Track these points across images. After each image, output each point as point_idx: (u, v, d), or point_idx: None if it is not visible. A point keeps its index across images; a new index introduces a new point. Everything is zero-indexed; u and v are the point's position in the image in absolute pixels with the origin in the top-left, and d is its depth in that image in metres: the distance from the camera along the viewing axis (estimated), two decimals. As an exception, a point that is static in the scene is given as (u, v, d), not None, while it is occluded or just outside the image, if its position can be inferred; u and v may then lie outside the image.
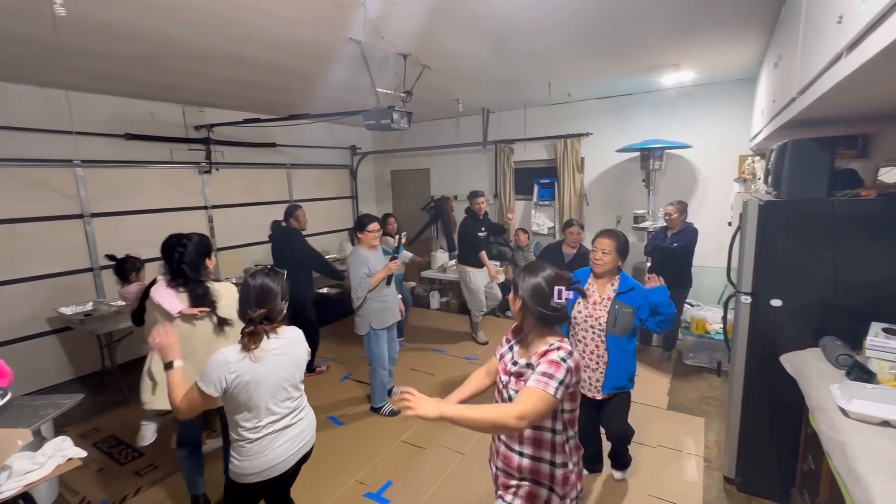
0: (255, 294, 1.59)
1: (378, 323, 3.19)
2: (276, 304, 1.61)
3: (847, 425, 1.46)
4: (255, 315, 1.56)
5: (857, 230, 2.00)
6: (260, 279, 1.61)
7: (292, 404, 1.69)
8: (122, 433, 3.20)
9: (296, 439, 1.70)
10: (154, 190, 4.48)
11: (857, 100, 1.62)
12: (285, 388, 1.64)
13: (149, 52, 2.90)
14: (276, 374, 1.60)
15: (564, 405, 1.34)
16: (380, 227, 3.19)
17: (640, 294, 2.20)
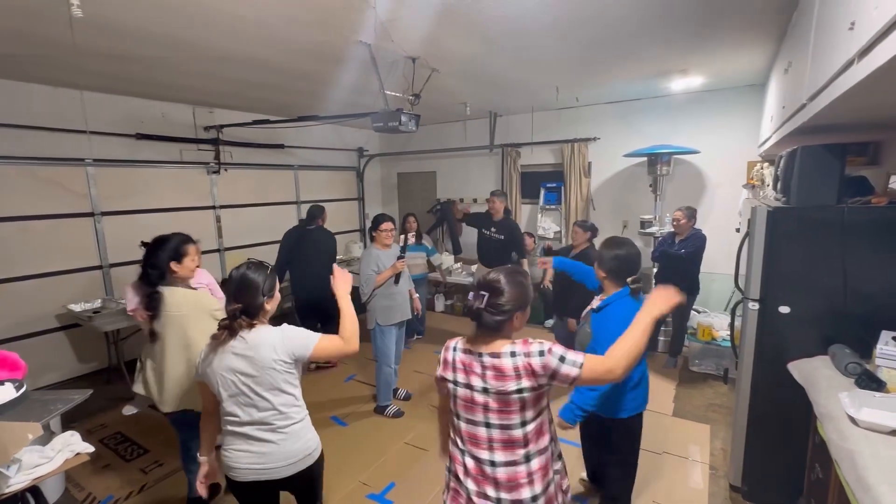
0: (233, 286, 1.53)
1: (384, 319, 3.24)
2: (255, 299, 1.53)
3: (856, 434, 1.44)
4: (230, 309, 1.51)
5: (868, 238, 1.98)
6: (241, 271, 1.55)
7: (258, 415, 1.51)
8: (128, 430, 3.23)
9: (254, 457, 1.53)
10: (163, 189, 4.53)
11: (869, 106, 1.61)
12: (246, 395, 1.50)
13: (162, 53, 2.94)
14: (229, 373, 1.50)
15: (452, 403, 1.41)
16: (393, 227, 3.26)
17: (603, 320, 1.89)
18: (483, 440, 1.31)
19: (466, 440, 1.35)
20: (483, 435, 1.31)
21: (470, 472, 1.33)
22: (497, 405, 1.27)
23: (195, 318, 2.01)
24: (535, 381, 1.25)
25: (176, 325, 1.99)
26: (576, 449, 2.56)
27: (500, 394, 1.26)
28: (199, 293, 2.13)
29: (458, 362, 1.35)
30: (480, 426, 1.31)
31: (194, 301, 2.04)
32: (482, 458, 1.31)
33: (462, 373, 1.33)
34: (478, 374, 1.29)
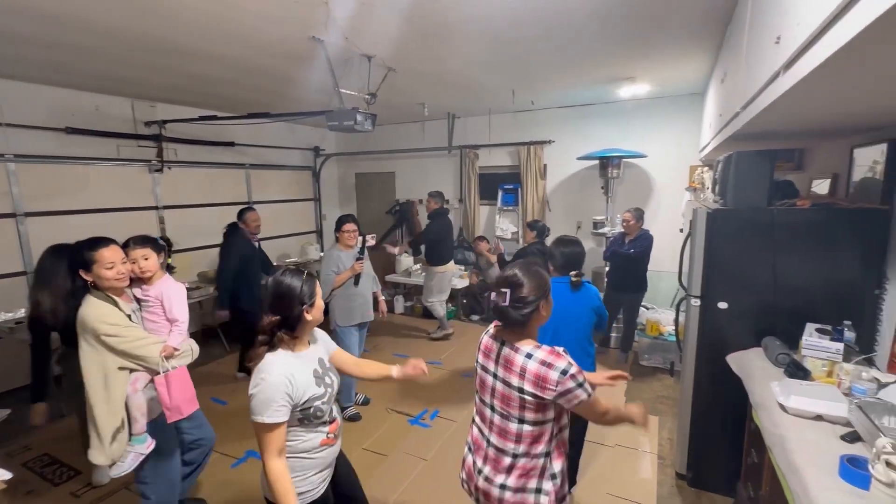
0: (267, 296, 1.38)
1: (343, 320, 3.21)
2: (292, 308, 1.37)
3: (786, 420, 1.55)
4: (267, 323, 1.36)
5: (794, 237, 2.14)
6: (275, 279, 1.40)
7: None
8: (56, 451, 2.96)
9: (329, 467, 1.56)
10: (99, 188, 4.20)
11: (794, 115, 1.74)
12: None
13: (96, 43, 2.72)
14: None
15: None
16: (356, 228, 3.23)
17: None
18: (487, 419, 1.44)
19: (477, 412, 1.50)
20: (487, 415, 1.44)
21: (474, 441, 1.50)
22: (501, 393, 1.37)
23: (84, 337, 1.74)
24: (542, 391, 1.27)
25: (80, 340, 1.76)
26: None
27: (505, 384, 1.36)
28: (99, 309, 1.77)
29: (483, 346, 1.48)
30: (487, 407, 1.44)
31: (84, 316, 1.74)
32: (484, 433, 1.46)
33: (482, 356, 1.47)
34: (493, 361, 1.41)
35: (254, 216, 3.88)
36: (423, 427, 3.21)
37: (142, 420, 1.83)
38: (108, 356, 1.76)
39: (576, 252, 2.17)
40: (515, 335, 1.38)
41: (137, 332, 1.84)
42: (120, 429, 1.78)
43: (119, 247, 1.89)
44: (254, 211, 3.91)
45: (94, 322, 1.72)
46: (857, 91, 1.30)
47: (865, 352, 1.96)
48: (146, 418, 1.85)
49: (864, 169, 2.22)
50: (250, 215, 3.87)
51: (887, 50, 0.90)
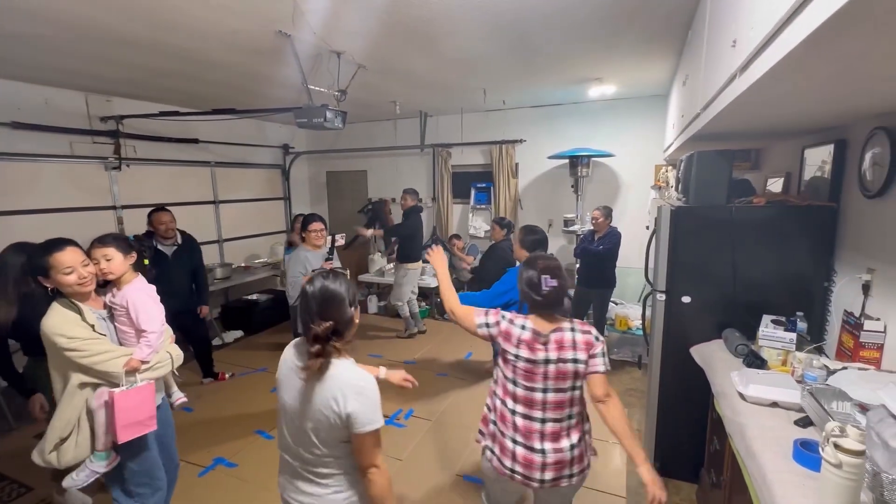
0: (316, 304, 1.26)
1: None
2: (344, 312, 1.29)
3: (745, 408, 1.62)
4: (322, 330, 1.23)
5: (751, 233, 2.24)
6: (319, 283, 1.29)
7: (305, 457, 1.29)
8: (5, 467, 2.78)
9: (295, 494, 1.32)
10: (51, 187, 3.96)
11: (750, 116, 1.81)
12: (305, 432, 1.27)
13: (43, 31, 2.56)
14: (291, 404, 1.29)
15: (499, 360, 1.62)
16: (324, 227, 3.16)
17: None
18: (537, 403, 1.54)
19: (521, 402, 1.56)
20: (539, 398, 1.54)
21: (518, 428, 1.56)
22: (556, 372, 1.52)
23: (48, 347, 1.63)
24: (587, 354, 1.52)
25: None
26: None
27: (561, 362, 1.51)
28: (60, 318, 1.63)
29: (524, 340, 1.54)
30: (538, 392, 1.53)
31: (45, 326, 1.61)
32: (533, 417, 1.55)
33: (526, 349, 1.53)
34: (542, 349, 1.52)
35: (161, 217, 3.39)
36: (398, 427, 3.19)
37: (104, 437, 1.70)
38: (70, 368, 1.64)
39: (542, 238, 2.51)
40: (555, 319, 1.56)
41: (99, 345, 1.66)
42: (64, 440, 1.67)
43: (79, 248, 1.73)
44: (164, 212, 3.43)
45: (51, 335, 1.60)
46: (806, 93, 1.37)
47: (816, 341, 2.07)
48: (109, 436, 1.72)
49: (813, 168, 2.34)
50: (156, 216, 3.40)
51: (832, 54, 0.96)
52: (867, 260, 1.82)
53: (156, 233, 3.41)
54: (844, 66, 1.05)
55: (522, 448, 1.55)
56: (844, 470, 1.05)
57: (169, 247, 3.46)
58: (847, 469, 1.05)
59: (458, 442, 2.96)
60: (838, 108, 1.65)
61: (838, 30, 0.80)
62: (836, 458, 1.06)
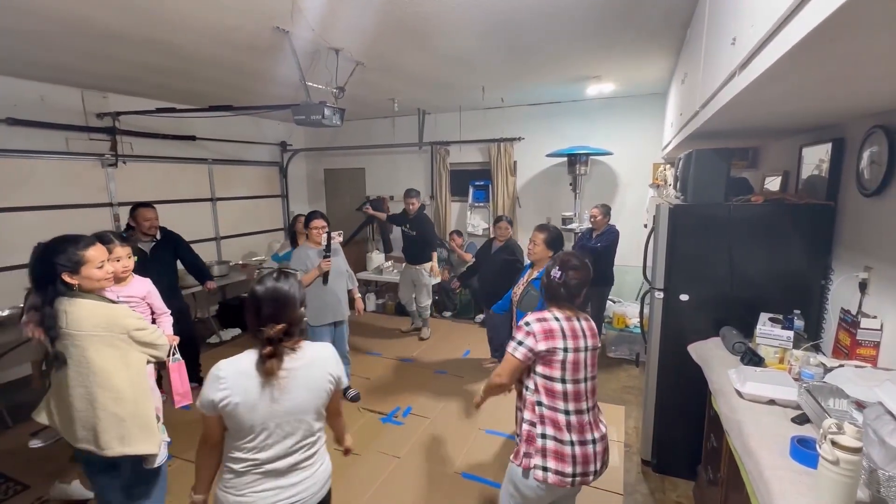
0: (266, 305, 1.28)
1: (314, 320, 3.17)
2: (295, 313, 1.32)
3: (742, 405, 1.63)
4: (274, 333, 1.26)
5: (748, 231, 2.25)
6: (269, 284, 1.30)
7: (296, 445, 1.34)
8: (1, 464, 2.76)
9: (287, 491, 1.34)
10: (46, 184, 3.93)
11: (749, 114, 1.82)
12: (290, 423, 1.31)
13: (37, 27, 2.54)
14: (280, 402, 1.29)
15: (537, 368, 1.59)
16: (326, 224, 3.17)
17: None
18: (583, 393, 1.59)
19: (572, 398, 1.57)
20: (583, 389, 1.59)
21: (573, 426, 1.57)
22: (592, 360, 1.62)
23: (103, 339, 1.62)
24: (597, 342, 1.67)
25: (76, 346, 1.59)
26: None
27: (594, 349, 1.63)
28: (115, 308, 1.70)
29: (568, 330, 1.57)
30: (581, 382, 1.59)
31: (104, 318, 1.63)
32: (583, 409, 1.59)
33: (572, 340, 1.57)
34: (582, 338, 1.59)
35: (145, 214, 3.25)
36: (396, 425, 3.19)
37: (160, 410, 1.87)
38: (134, 352, 1.70)
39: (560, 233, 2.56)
40: (574, 309, 1.64)
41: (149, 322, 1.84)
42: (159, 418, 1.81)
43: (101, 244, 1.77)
44: (149, 208, 3.28)
45: (122, 319, 1.66)
46: (805, 91, 1.37)
47: (813, 339, 2.08)
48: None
49: (811, 167, 2.35)
50: (140, 212, 3.25)
51: (831, 53, 0.96)
52: (864, 258, 1.83)
53: (138, 229, 3.27)
54: (844, 63, 1.05)
55: (580, 446, 1.56)
56: (841, 467, 1.05)
57: (147, 243, 3.32)
58: (844, 466, 1.05)
59: (457, 440, 2.97)
60: (837, 106, 1.65)
61: (839, 27, 0.80)
62: (833, 455, 1.06)
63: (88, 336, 1.60)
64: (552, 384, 1.57)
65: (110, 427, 1.64)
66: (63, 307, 1.59)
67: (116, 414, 1.64)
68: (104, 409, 1.63)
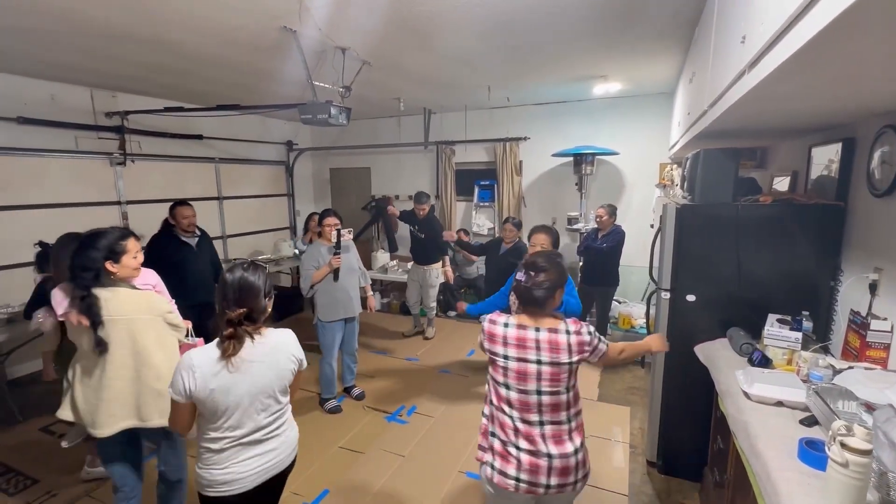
0: (232, 291, 1.41)
1: (325, 315, 3.23)
2: (258, 301, 1.44)
3: (749, 407, 1.61)
4: (235, 315, 1.39)
5: (756, 232, 2.23)
6: (238, 273, 1.43)
7: (268, 418, 1.49)
8: (11, 459, 2.80)
9: (265, 456, 1.50)
10: (56, 182, 3.98)
11: (758, 113, 1.80)
12: (261, 400, 1.45)
13: (48, 27, 2.57)
14: (250, 383, 1.41)
15: (490, 371, 1.56)
16: (339, 222, 3.22)
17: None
18: (533, 406, 1.49)
19: (517, 407, 1.50)
20: (533, 401, 1.48)
21: (521, 433, 1.50)
22: (550, 374, 1.47)
23: (146, 322, 1.81)
24: (581, 355, 1.49)
25: (122, 330, 1.75)
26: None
27: (554, 364, 1.46)
28: (150, 294, 1.91)
29: (512, 338, 1.49)
30: (533, 394, 1.48)
31: (146, 303, 1.83)
32: (531, 421, 1.49)
33: (514, 348, 1.48)
34: (532, 349, 1.46)
35: (184, 212, 3.38)
36: (400, 423, 3.20)
37: None
38: (167, 333, 1.89)
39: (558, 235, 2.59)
40: (537, 317, 1.51)
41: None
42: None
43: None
44: (186, 206, 3.41)
45: (158, 304, 1.87)
46: (815, 89, 1.36)
47: (822, 340, 2.06)
48: None
49: (820, 167, 2.32)
50: (179, 210, 3.38)
51: (842, 51, 0.95)
52: (874, 259, 1.81)
53: (178, 226, 3.39)
54: (854, 62, 1.04)
55: (528, 454, 1.48)
56: (851, 469, 1.04)
57: (191, 238, 3.47)
58: (853, 468, 1.04)
59: (461, 439, 2.97)
60: (847, 105, 1.64)
61: (850, 26, 0.79)
62: (843, 457, 1.05)
63: (133, 320, 1.77)
64: (497, 387, 1.54)
65: (151, 401, 1.81)
66: (104, 295, 1.72)
67: (157, 389, 1.80)
68: (147, 385, 1.79)
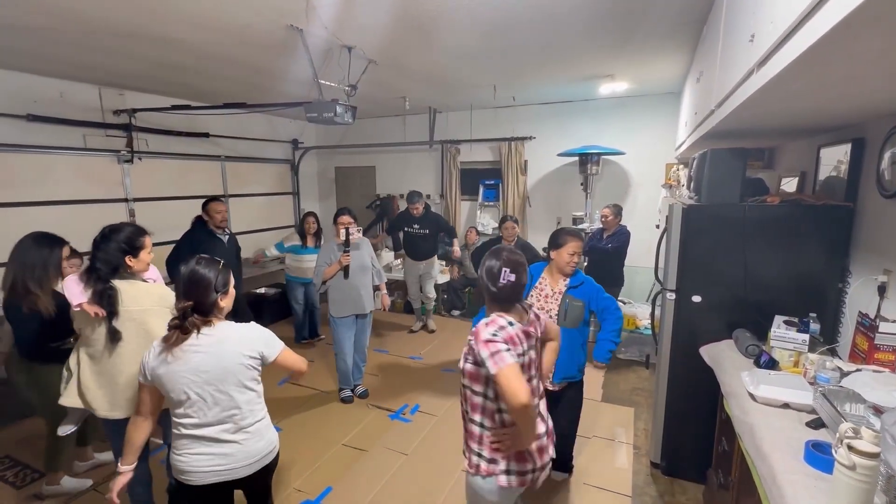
0: (182, 283, 1.48)
1: (335, 311, 3.31)
2: (207, 295, 1.48)
3: (755, 408, 1.60)
4: (181, 307, 1.46)
5: (764, 233, 2.21)
6: (190, 267, 1.49)
7: (222, 414, 1.49)
8: (18, 452, 2.84)
9: (217, 458, 1.50)
10: (64, 179, 4.01)
11: (766, 113, 1.78)
12: (210, 394, 1.47)
13: (58, 25, 2.59)
14: (192, 374, 1.44)
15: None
16: (352, 220, 3.28)
17: (591, 288, 2.33)
18: (534, 390, 1.53)
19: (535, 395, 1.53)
20: (534, 385, 1.54)
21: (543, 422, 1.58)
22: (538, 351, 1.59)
23: (158, 314, 1.86)
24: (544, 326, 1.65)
25: (136, 321, 1.83)
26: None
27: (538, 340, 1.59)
28: (162, 286, 1.99)
29: (522, 334, 1.47)
30: (535, 378, 1.55)
31: (158, 295, 1.90)
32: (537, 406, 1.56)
33: (525, 342, 1.48)
34: (532, 336, 1.53)
35: (217, 207, 3.59)
36: (404, 422, 3.20)
37: None
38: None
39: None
40: (519, 310, 1.53)
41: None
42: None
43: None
44: (218, 202, 3.63)
45: (169, 296, 1.89)
46: (824, 89, 1.34)
47: (829, 342, 2.04)
48: None
49: (829, 168, 2.30)
50: (213, 206, 3.59)
51: (852, 50, 0.94)
52: (884, 261, 1.79)
53: (211, 222, 3.58)
54: (865, 61, 1.03)
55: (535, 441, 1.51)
56: (858, 472, 1.03)
57: (223, 234, 3.68)
58: (861, 471, 1.03)
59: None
60: (857, 105, 1.62)
61: (861, 24, 0.78)
62: (850, 460, 1.04)
63: (148, 311, 1.84)
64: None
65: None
66: (122, 287, 1.79)
67: None
68: None
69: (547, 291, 2.34)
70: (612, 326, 2.32)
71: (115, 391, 1.85)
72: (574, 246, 2.27)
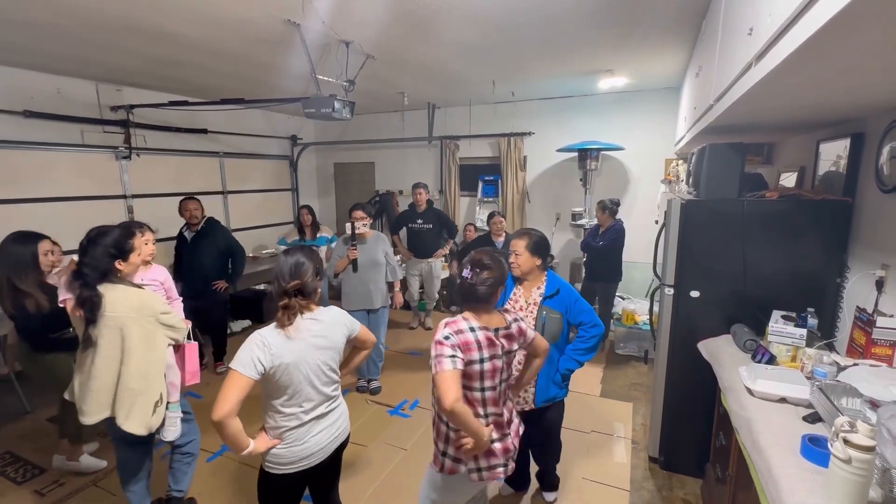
0: (288, 267, 1.54)
1: (346, 305, 3.35)
2: (308, 278, 1.56)
3: (752, 403, 1.61)
4: (289, 286, 1.50)
5: (762, 228, 2.21)
6: (294, 255, 1.57)
7: (328, 391, 1.61)
8: (19, 448, 2.84)
9: (332, 427, 1.64)
10: (61, 176, 3.99)
11: (764, 107, 1.78)
12: (325, 373, 1.58)
13: (54, 20, 2.57)
14: (315, 355, 1.54)
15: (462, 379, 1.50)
16: (364, 215, 3.30)
17: (568, 296, 2.06)
18: (500, 396, 1.59)
19: (490, 404, 1.55)
20: (500, 390, 1.58)
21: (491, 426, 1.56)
22: (506, 363, 1.58)
23: (135, 322, 1.78)
24: (522, 340, 1.63)
25: (111, 327, 1.73)
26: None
27: (508, 353, 1.58)
28: (145, 293, 1.85)
29: (483, 340, 1.50)
30: (499, 386, 1.57)
31: (138, 302, 1.79)
32: (500, 413, 1.59)
33: (488, 349, 1.51)
34: (497, 345, 1.53)
35: (185, 205, 3.71)
36: (403, 417, 3.21)
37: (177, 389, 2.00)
38: (158, 334, 1.85)
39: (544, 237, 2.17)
40: (487, 312, 1.57)
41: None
42: (160, 402, 1.87)
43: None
44: (191, 200, 3.75)
45: (153, 303, 1.83)
46: (823, 82, 1.34)
47: (826, 337, 2.05)
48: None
49: (828, 163, 2.30)
50: (182, 204, 3.73)
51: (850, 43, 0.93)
52: (882, 256, 1.79)
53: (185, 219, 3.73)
54: (864, 54, 1.02)
55: (500, 442, 1.57)
56: (853, 465, 1.04)
57: (190, 233, 3.77)
58: (856, 465, 1.04)
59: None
60: (856, 99, 1.61)
61: (860, 16, 0.78)
62: (846, 454, 1.04)
63: (124, 318, 1.75)
64: (471, 393, 1.52)
65: (125, 400, 1.79)
66: (102, 292, 1.73)
67: (133, 390, 1.79)
68: (125, 385, 1.78)
69: (521, 303, 2.07)
70: (583, 345, 2.06)
71: (86, 395, 1.78)
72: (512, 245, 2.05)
